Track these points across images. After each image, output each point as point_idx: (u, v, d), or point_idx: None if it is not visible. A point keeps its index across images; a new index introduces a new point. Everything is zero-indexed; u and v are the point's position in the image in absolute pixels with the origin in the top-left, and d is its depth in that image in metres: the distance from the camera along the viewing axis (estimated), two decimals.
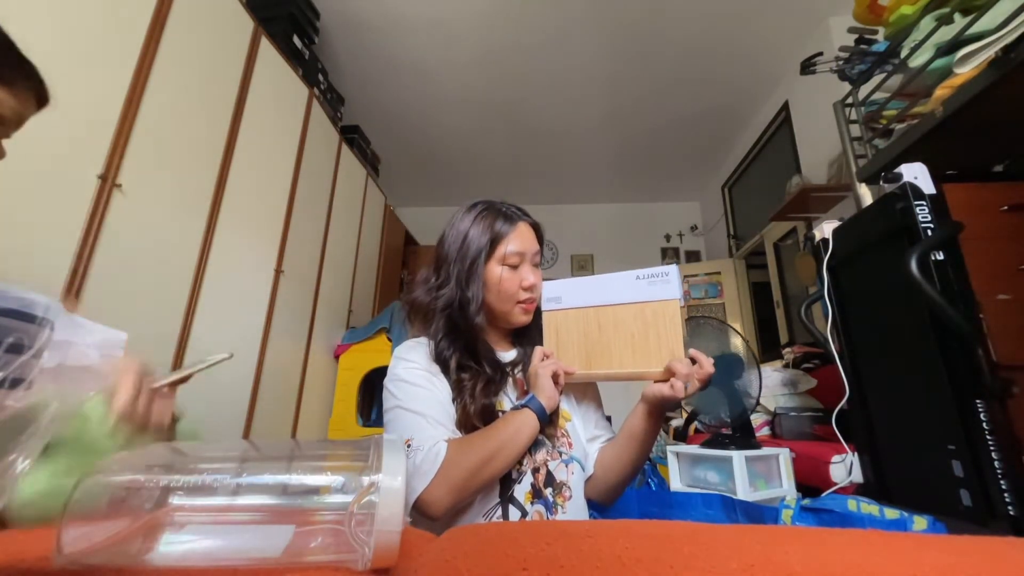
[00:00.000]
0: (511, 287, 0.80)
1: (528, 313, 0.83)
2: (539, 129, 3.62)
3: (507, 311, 0.82)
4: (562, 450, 0.77)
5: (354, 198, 3.05)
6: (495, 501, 0.71)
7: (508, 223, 0.82)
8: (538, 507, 0.71)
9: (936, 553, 0.24)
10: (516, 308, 0.82)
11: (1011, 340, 1.01)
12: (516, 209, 0.85)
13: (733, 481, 0.96)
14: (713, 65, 2.93)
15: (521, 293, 0.81)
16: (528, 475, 0.73)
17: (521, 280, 0.81)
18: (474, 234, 0.81)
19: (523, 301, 0.81)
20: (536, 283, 0.82)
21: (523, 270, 0.82)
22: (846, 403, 0.97)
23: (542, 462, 0.74)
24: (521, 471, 0.72)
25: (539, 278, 0.83)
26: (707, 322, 1.21)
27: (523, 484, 0.72)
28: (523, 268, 0.82)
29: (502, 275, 0.80)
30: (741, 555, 0.24)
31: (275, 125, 2.14)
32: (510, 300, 0.81)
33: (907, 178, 0.83)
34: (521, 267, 0.81)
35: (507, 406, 0.78)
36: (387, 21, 2.63)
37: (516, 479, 0.72)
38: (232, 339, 1.84)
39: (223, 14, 1.80)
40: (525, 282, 0.81)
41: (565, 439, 0.79)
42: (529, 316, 0.84)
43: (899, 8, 1.26)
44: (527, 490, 0.72)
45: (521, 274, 0.81)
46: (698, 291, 3.92)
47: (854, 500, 0.72)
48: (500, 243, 0.80)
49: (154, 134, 1.45)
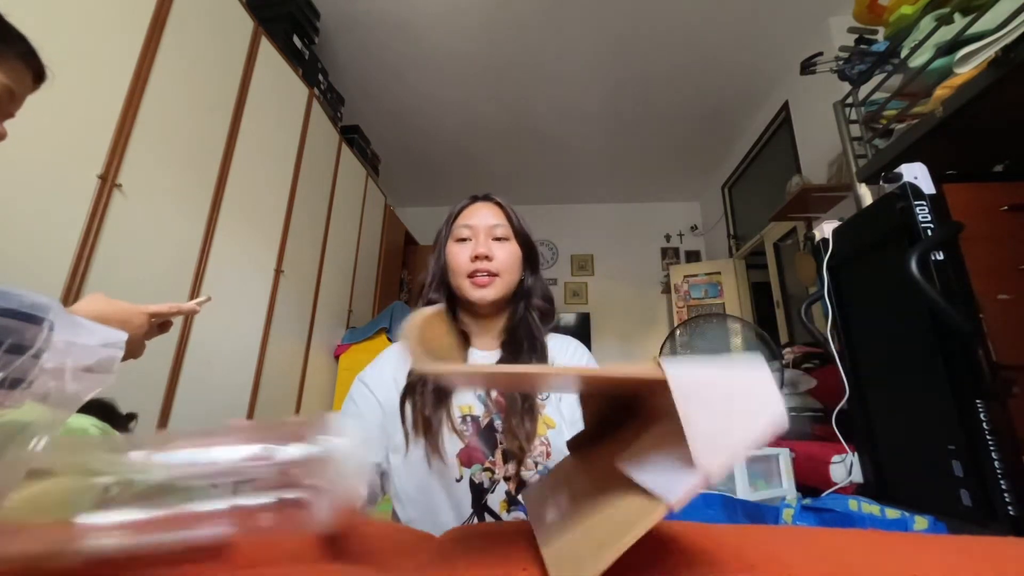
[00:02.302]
0: (459, 260, 0.78)
1: (480, 288, 0.77)
2: (539, 129, 3.62)
3: (459, 286, 0.78)
4: (538, 460, 0.71)
5: (354, 198, 3.05)
6: (469, 511, 0.69)
7: (464, 203, 0.84)
8: (516, 514, 0.69)
9: (936, 553, 0.24)
10: (465, 282, 0.78)
11: (1011, 340, 1.01)
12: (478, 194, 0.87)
13: (733, 481, 0.96)
14: (713, 65, 2.93)
15: (468, 264, 0.77)
16: (502, 484, 0.70)
17: (471, 252, 0.78)
18: (444, 223, 0.84)
19: (473, 274, 0.77)
20: (487, 252, 0.77)
21: (472, 243, 0.79)
22: (846, 403, 0.97)
23: (513, 473, 0.70)
24: (494, 480, 0.70)
25: (502, 250, 0.79)
26: (707, 320, 1.21)
27: (497, 493, 0.69)
28: (473, 241, 0.79)
29: (455, 250, 0.79)
30: (742, 555, 0.24)
31: (275, 125, 2.14)
32: (460, 273, 0.78)
33: (907, 178, 0.83)
34: (472, 240, 0.79)
35: (476, 408, 0.74)
36: (387, 21, 2.63)
37: (489, 488, 0.70)
38: (232, 339, 1.84)
39: (223, 14, 1.80)
40: (474, 252, 0.78)
41: (544, 447, 0.72)
42: (483, 292, 0.77)
43: (899, 8, 1.26)
44: (502, 498, 0.69)
45: (469, 246, 0.79)
46: (698, 291, 3.91)
47: (855, 500, 0.72)
48: (455, 221, 0.82)
49: (154, 134, 1.45)
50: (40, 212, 1.15)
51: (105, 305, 0.55)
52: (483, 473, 0.70)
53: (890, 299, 0.87)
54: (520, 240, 0.82)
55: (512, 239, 0.81)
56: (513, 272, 0.80)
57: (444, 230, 0.83)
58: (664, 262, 4.60)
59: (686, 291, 3.96)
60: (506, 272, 0.78)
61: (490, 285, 0.77)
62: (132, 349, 0.60)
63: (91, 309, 0.53)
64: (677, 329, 1.27)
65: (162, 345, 1.49)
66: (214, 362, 1.71)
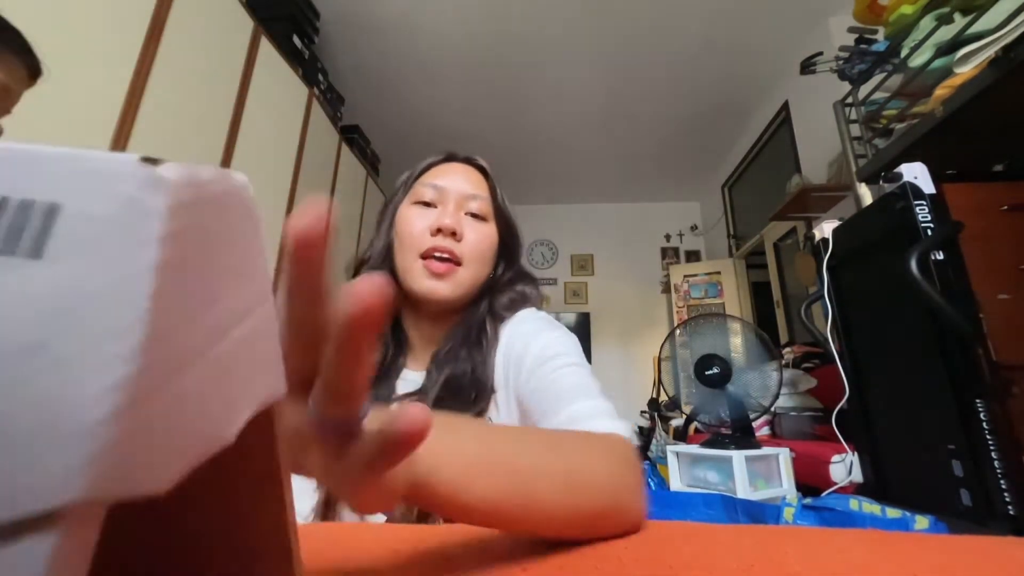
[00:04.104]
0: (414, 227, 0.55)
1: (434, 277, 0.54)
2: (539, 129, 3.62)
3: (405, 269, 0.55)
4: None
5: (354, 198, 3.05)
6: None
7: (435, 158, 0.62)
8: None
9: (936, 553, 0.24)
10: (416, 264, 0.54)
11: (1011, 340, 1.01)
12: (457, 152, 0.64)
13: (733, 481, 0.96)
14: (713, 65, 2.93)
15: (426, 237, 0.54)
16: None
17: (432, 222, 0.55)
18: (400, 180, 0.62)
19: (428, 254, 0.54)
20: (455, 226, 0.54)
21: (439, 210, 0.56)
22: (846, 403, 0.97)
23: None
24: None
25: (474, 231, 0.57)
26: (707, 320, 1.21)
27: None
28: (441, 208, 0.56)
29: (411, 215, 0.56)
30: (741, 555, 0.24)
31: (275, 125, 2.14)
32: (411, 248, 0.55)
33: (907, 178, 0.83)
34: (441, 208, 0.56)
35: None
36: (387, 21, 2.63)
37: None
38: None
39: (223, 14, 1.80)
40: (436, 222, 0.54)
41: None
42: (434, 284, 0.54)
43: (899, 8, 1.26)
44: None
45: (435, 214, 0.55)
46: (698, 291, 3.91)
47: (856, 499, 0.72)
48: (418, 178, 0.60)
49: (154, 134, 1.45)
50: None
51: None
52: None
53: (890, 299, 0.87)
54: (501, 223, 0.60)
55: (491, 220, 0.59)
56: (483, 264, 0.58)
57: (400, 191, 0.60)
58: (664, 262, 4.60)
59: (686, 291, 3.96)
60: (474, 263, 0.56)
61: (448, 276, 0.54)
62: None
63: None
64: (677, 329, 1.27)
65: None
66: None
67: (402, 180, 0.62)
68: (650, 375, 3.71)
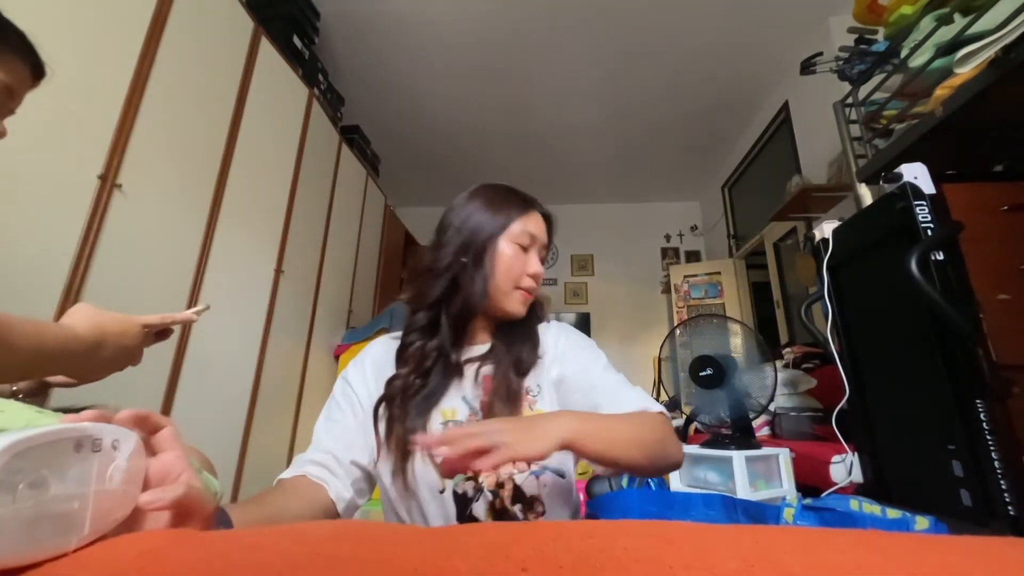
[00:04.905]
0: (516, 269, 0.74)
1: (525, 304, 0.76)
2: (539, 129, 3.62)
3: (505, 293, 0.74)
4: None
5: (354, 198, 3.05)
6: (453, 522, 0.65)
7: (524, 204, 0.78)
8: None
9: (936, 553, 0.24)
10: (515, 293, 0.74)
11: (1011, 340, 1.01)
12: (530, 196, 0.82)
13: (733, 481, 0.96)
14: (713, 65, 2.93)
15: (525, 279, 0.75)
16: (486, 493, 0.66)
17: (526, 264, 0.75)
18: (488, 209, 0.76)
19: (524, 288, 0.75)
20: (540, 273, 0.76)
21: (531, 255, 0.76)
22: (846, 403, 0.97)
23: (507, 476, 0.66)
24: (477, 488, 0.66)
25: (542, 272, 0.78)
26: (707, 320, 1.21)
27: (480, 503, 0.66)
28: (531, 253, 0.76)
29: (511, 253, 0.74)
30: (741, 555, 0.24)
31: (275, 125, 2.14)
32: (512, 282, 0.74)
33: (907, 178, 0.83)
34: (530, 252, 0.76)
35: (460, 412, 0.71)
36: (387, 21, 2.63)
37: (473, 497, 0.66)
38: (232, 339, 1.84)
39: (223, 14, 1.80)
40: (531, 268, 0.75)
41: None
42: (524, 308, 0.76)
43: (899, 8, 1.26)
44: (485, 508, 0.66)
45: (528, 258, 0.75)
46: (698, 291, 3.91)
47: (856, 500, 0.72)
48: (514, 222, 0.75)
49: (154, 134, 1.45)
50: (40, 212, 1.15)
51: (101, 316, 0.54)
52: (466, 483, 0.67)
53: (890, 299, 0.87)
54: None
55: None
56: None
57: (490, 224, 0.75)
58: (664, 262, 4.60)
59: (686, 291, 3.96)
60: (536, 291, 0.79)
61: (529, 302, 0.77)
62: (130, 358, 0.59)
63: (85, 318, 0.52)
64: (677, 329, 1.27)
65: (162, 345, 1.49)
66: (214, 362, 1.70)
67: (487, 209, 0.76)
68: (650, 375, 3.71)
